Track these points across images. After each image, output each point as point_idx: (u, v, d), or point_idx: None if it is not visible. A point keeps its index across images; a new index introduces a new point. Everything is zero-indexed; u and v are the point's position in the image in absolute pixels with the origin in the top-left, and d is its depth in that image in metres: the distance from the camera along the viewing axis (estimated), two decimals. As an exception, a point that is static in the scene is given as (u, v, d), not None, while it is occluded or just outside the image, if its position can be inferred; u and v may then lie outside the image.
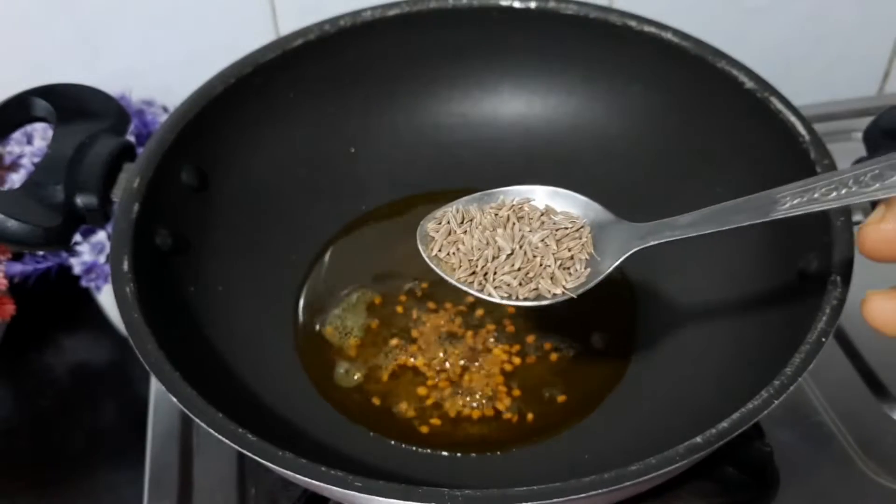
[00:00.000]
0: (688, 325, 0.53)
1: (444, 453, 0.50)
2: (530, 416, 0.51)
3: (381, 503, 0.37)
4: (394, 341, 0.54)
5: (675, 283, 0.55)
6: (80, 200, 0.47)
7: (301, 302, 0.56)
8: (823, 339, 0.41)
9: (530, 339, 0.54)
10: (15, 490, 0.62)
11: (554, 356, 0.53)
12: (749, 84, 0.51)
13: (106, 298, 0.67)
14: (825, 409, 0.57)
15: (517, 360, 0.53)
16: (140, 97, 0.69)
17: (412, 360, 0.53)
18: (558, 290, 0.42)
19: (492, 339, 0.54)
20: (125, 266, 0.44)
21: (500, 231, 0.43)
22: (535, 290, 0.42)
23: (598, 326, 0.55)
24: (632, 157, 0.58)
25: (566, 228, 0.43)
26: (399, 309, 0.56)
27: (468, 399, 0.52)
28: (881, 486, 0.53)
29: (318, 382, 0.53)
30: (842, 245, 0.43)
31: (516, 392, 0.52)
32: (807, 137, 0.48)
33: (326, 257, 0.58)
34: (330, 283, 0.57)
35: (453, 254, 0.43)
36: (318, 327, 0.55)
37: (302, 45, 0.55)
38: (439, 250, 0.43)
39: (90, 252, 0.63)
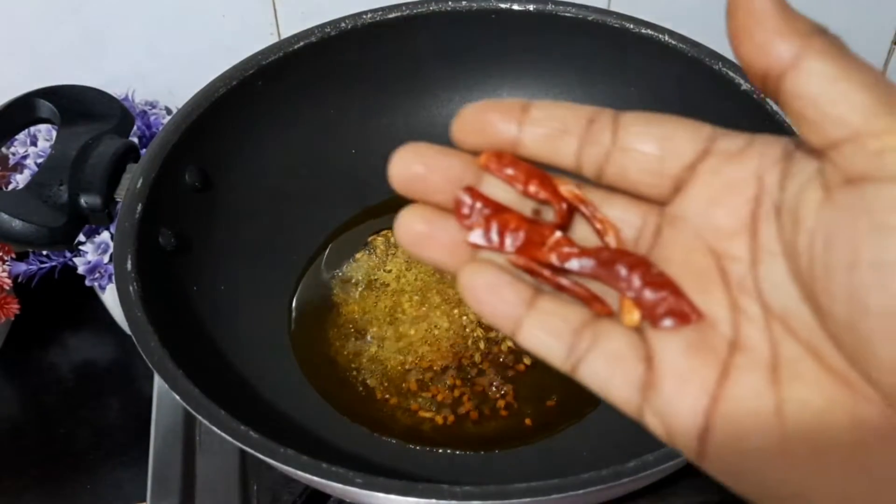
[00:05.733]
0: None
1: (444, 451, 0.50)
2: (529, 414, 0.52)
3: (381, 499, 0.37)
4: (394, 341, 0.55)
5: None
6: (83, 200, 0.47)
7: (301, 301, 0.57)
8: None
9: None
10: (20, 487, 0.62)
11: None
12: (745, 86, 0.51)
13: (109, 297, 0.68)
14: (821, 408, 0.57)
15: (518, 361, 0.54)
16: (143, 99, 0.69)
17: (412, 359, 0.54)
18: None
19: (493, 338, 0.55)
20: (129, 265, 0.45)
21: None
22: None
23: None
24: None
25: None
26: (399, 306, 0.56)
27: (468, 398, 0.52)
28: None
29: (319, 381, 0.53)
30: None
31: (516, 392, 0.52)
32: (802, 138, 0.48)
33: (326, 256, 0.59)
34: (330, 282, 0.58)
35: None
36: (318, 326, 0.56)
37: (303, 47, 0.55)
38: None
39: (94, 252, 0.63)
